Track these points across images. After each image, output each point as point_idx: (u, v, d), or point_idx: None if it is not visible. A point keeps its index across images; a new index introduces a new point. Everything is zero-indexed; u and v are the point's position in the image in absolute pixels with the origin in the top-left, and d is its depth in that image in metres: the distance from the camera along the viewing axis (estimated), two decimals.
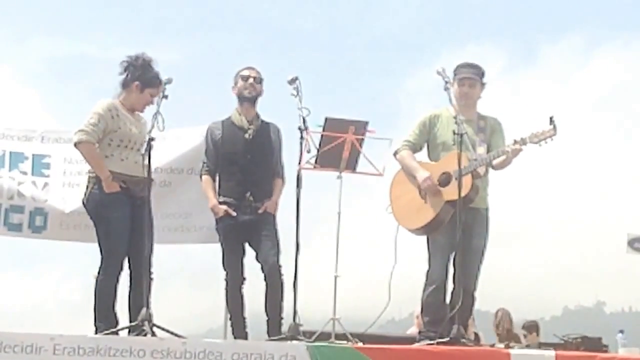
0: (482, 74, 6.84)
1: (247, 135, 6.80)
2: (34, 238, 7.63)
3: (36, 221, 7.53)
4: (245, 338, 6.61)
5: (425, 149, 6.87)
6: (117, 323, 6.29)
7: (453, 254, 6.53)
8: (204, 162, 6.94)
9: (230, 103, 6.99)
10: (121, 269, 6.31)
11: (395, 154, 6.79)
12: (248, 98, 6.84)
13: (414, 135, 6.82)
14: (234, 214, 6.71)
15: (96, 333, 6.16)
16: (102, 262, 6.35)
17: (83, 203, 6.51)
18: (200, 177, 6.95)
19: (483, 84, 6.85)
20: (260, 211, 6.71)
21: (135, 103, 6.57)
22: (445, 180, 6.54)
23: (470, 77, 6.75)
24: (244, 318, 6.77)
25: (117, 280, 6.33)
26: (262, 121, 6.92)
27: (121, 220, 6.30)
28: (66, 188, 7.59)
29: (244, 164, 6.74)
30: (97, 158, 6.32)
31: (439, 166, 6.64)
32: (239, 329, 6.73)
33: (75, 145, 6.37)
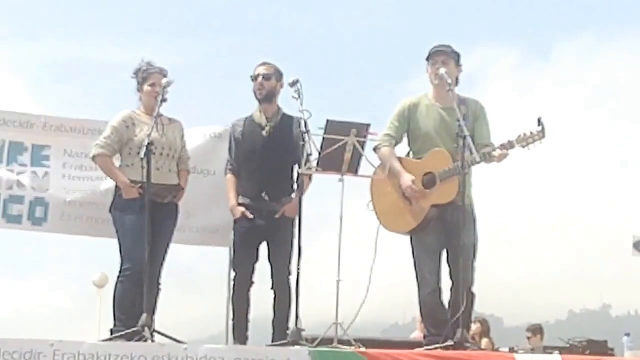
0: (455, 53, 6.60)
1: (264, 133, 6.79)
2: (34, 231, 7.46)
3: (36, 212, 7.37)
4: (245, 342, 6.58)
5: (405, 139, 6.69)
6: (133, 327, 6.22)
7: (442, 252, 6.44)
8: (228, 160, 6.96)
9: (230, 104, 6.98)
10: (138, 272, 6.26)
11: (375, 149, 6.63)
12: (260, 99, 6.86)
13: (393, 128, 6.65)
14: (251, 216, 6.69)
15: (112, 334, 6.22)
16: (120, 265, 6.49)
17: (110, 210, 6.65)
18: (225, 175, 6.96)
19: (459, 66, 6.62)
20: (277, 216, 6.68)
21: (146, 104, 6.71)
22: (429, 181, 6.42)
23: (441, 51, 6.53)
24: (248, 321, 6.74)
25: (135, 284, 6.28)
26: (284, 116, 6.87)
27: (135, 225, 6.35)
28: (66, 180, 7.44)
29: (262, 162, 6.73)
30: (111, 169, 6.60)
31: (422, 165, 6.49)
32: (240, 331, 6.70)
33: (92, 159, 6.65)
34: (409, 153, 6.74)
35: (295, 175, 6.83)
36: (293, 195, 6.79)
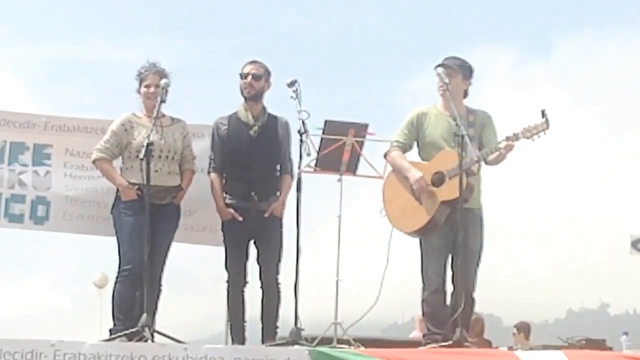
0: (465, 68, 6.67)
1: (252, 133, 6.72)
2: (35, 230, 7.43)
3: (38, 211, 7.32)
4: (243, 343, 6.58)
5: (415, 148, 6.75)
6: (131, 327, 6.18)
7: (449, 255, 6.47)
8: (211, 159, 6.86)
9: (232, 103, 6.95)
10: (136, 273, 6.28)
11: (385, 155, 6.70)
12: (246, 97, 6.78)
13: (403, 135, 6.70)
14: (241, 219, 6.66)
15: (111, 334, 6.22)
16: (118, 266, 6.51)
17: (111, 211, 6.69)
18: (208, 174, 6.88)
19: (466, 78, 6.69)
20: (266, 215, 6.66)
21: (145, 105, 6.72)
22: (438, 180, 6.45)
23: (446, 64, 6.57)
24: (244, 322, 6.73)
25: (133, 284, 6.31)
26: (270, 116, 6.81)
27: (133, 226, 6.38)
28: (68, 178, 7.38)
29: (249, 162, 6.66)
30: (110, 172, 6.65)
31: (431, 166, 6.53)
32: (237, 333, 6.70)
33: (93, 163, 6.74)
34: None
35: (278, 174, 6.82)
36: (278, 194, 6.77)
